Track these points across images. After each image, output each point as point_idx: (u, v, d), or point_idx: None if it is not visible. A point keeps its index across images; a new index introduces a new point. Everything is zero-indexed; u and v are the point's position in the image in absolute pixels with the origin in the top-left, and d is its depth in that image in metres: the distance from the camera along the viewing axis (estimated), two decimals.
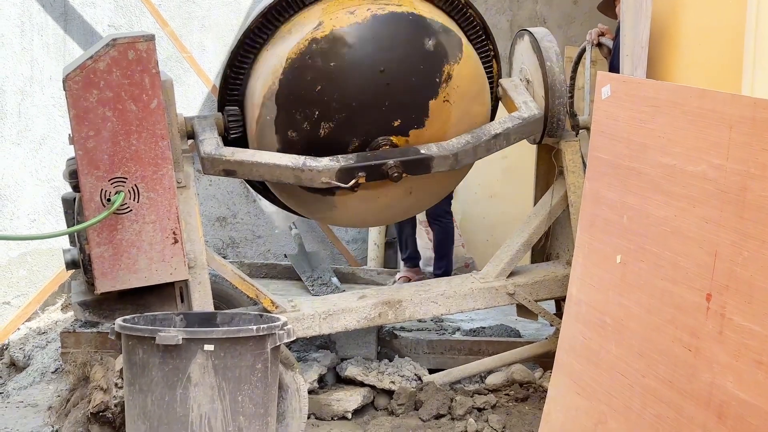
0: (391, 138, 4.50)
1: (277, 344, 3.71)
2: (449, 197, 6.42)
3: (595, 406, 3.66)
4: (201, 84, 7.20)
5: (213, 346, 3.57)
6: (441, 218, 6.64)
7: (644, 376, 3.38)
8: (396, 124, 4.51)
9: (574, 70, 4.91)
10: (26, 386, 5.62)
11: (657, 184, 3.39)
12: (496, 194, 7.40)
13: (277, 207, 5.32)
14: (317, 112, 4.41)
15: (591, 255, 3.84)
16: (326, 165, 4.34)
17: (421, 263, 7.24)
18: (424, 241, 7.32)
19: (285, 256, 6.88)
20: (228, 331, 3.62)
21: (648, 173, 3.46)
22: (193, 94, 7.22)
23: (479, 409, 4.64)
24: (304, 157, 4.36)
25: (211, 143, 4.37)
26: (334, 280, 6.34)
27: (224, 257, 6.70)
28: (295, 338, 3.81)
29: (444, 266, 6.63)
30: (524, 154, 5.78)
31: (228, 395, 3.60)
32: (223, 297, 5.04)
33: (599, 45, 5.21)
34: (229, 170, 4.35)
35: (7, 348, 6.36)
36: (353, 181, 4.35)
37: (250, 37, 4.56)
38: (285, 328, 3.76)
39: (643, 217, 3.47)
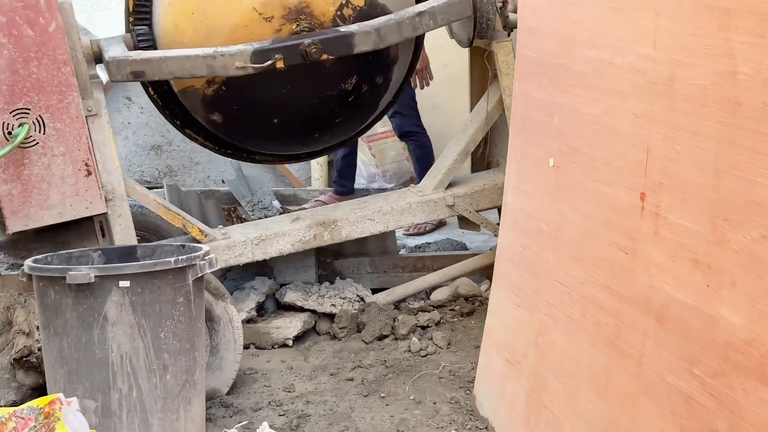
0: None
1: (199, 275, 3.50)
2: (415, 112, 6.31)
3: (535, 317, 3.51)
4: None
5: (129, 282, 3.35)
6: (414, 133, 6.42)
7: (582, 283, 3.22)
8: None
9: None
10: None
11: (586, 80, 3.19)
12: (440, 104, 7.17)
13: None
14: None
15: (524, 160, 3.65)
16: (239, 48, 4.11)
17: (364, 180, 7.05)
18: (368, 156, 7.12)
19: (222, 182, 6.65)
20: (143, 266, 3.41)
21: (576, 69, 3.25)
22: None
23: (423, 327, 4.49)
24: (213, 47, 4.13)
25: (117, 49, 4.12)
26: (276, 203, 6.13)
27: (161, 187, 6.45)
28: (218, 267, 3.61)
29: None
30: (467, 61, 5.56)
31: (149, 332, 3.40)
32: (152, 228, 4.83)
33: None
34: (137, 71, 4.09)
35: None
36: (269, 62, 4.11)
37: None
38: (207, 258, 3.55)
39: (573, 116, 3.28)
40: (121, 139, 7.23)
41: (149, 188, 6.02)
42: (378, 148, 7.14)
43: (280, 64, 4.12)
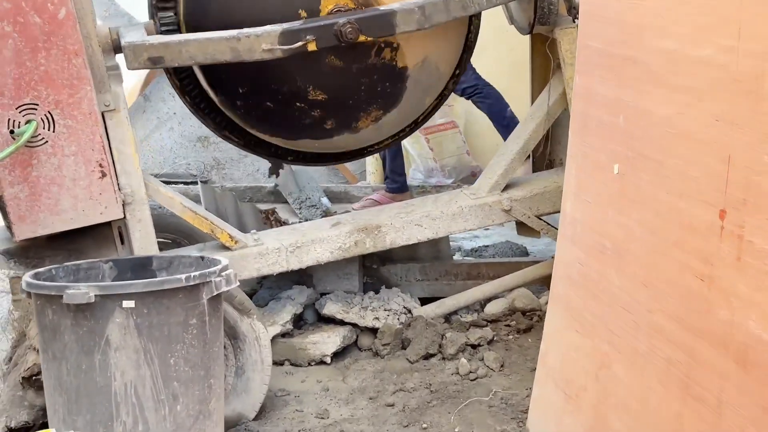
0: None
1: (215, 293, 3.12)
2: (471, 69, 5.88)
3: (596, 346, 3.06)
4: None
5: (133, 302, 2.98)
6: (475, 87, 6.01)
7: (650, 311, 2.77)
8: None
9: None
10: None
11: (656, 74, 2.73)
12: (504, 92, 6.70)
13: None
14: None
15: (585, 164, 3.20)
16: (266, 29, 3.72)
17: (421, 174, 6.64)
18: (425, 149, 6.69)
19: (269, 175, 6.26)
20: (150, 284, 3.03)
21: (645, 62, 2.79)
22: None
23: (473, 346, 4.05)
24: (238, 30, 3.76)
25: (135, 35, 3.75)
26: (324, 200, 5.75)
27: (206, 181, 6.10)
28: (237, 283, 3.22)
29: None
30: None
31: (157, 359, 3.03)
32: (184, 231, 4.47)
33: None
34: (155, 57, 3.71)
35: None
36: (299, 44, 3.72)
37: None
38: (224, 273, 3.16)
39: (641, 116, 2.82)
40: (166, 130, 6.90)
41: (193, 183, 5.70)
42: (436, 141, 6.71)
43: (312, 46, 3.74)
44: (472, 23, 4.37)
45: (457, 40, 4.32)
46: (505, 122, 6.08)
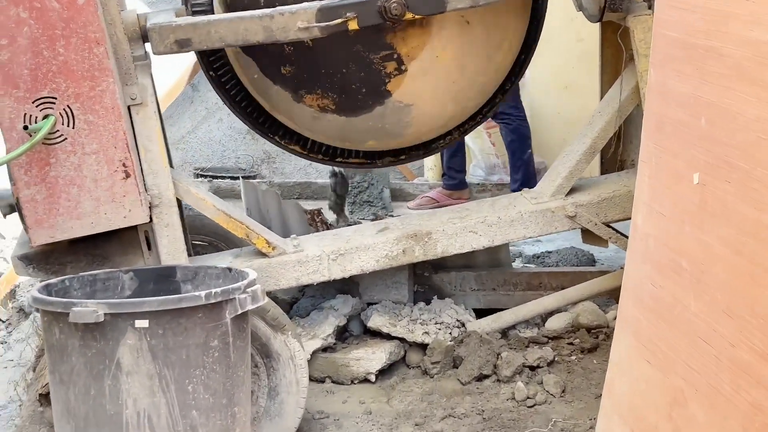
0: None
1: (240, 312, 2.80)
2: (516, 90, 5.40)
3: (670, 381, 2.68)
4: None
5: (147, 321, 2.68)
6: (507, 115, 5.60)
7: (734, 345, 2.39)
8: None
9: None
10: (24, 338, 4.91)
11: (745, 69, 2.35)
12: (572, 84, 6.33)
13: None
14: None
15: (659, 171, 2.82)
16: (302, 6, 3.42)
17: (482, 171, 6.27)
18: (486, 144, 6.32)
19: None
20: (165, 301, 2.72)
21: (732, 55, 2.41)
22: None
23: (532, 368, 3.68)
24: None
25: (162, 18, 3.47)
26: (386, 193, 5.38)
27: (254, 176, 5.79)
28: (264, 300, 2.91)
29: (521, 179, 5.59)
30: None
31: (173, 385, 2.73)
32: (221, 234, 4.17)
33: None
34: (183, 40, 3.42)
35: (15, 291, 5.66)
36: (339, 21, 3.42)
37: None
38: (249, 289, 2.84)
39: (727, 118, 2.44)
40: (215, 122, 6.63)
41: (238, 177, 5.40)
42: (498, 136, 6.33)
43: (353, 24, 3.43)
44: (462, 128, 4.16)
45: (437, 125, 4.04)
46: (518, 163, 5.66)
